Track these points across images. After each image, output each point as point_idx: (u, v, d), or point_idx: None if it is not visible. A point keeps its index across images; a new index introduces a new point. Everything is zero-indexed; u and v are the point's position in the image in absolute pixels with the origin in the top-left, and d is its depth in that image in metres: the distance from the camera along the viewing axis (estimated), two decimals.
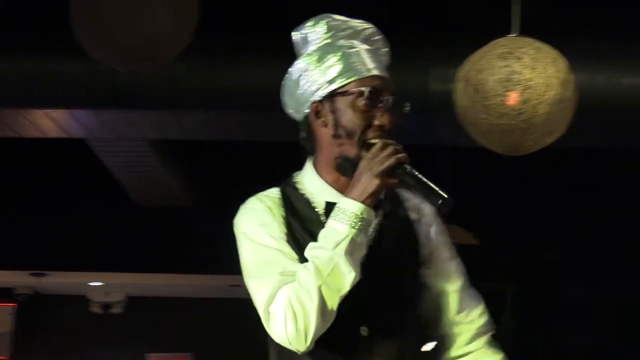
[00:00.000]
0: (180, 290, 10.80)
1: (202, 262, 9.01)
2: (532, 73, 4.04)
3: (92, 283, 10.78)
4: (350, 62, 2.45)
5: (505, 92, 4.05)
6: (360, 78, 2.44)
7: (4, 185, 8.67)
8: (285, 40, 6.20)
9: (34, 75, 5.72)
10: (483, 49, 4.18)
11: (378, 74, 2.46)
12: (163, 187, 8.34)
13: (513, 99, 4.06)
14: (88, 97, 5.88)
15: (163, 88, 5.73)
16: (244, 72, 5.75)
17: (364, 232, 2.33)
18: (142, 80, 5.63)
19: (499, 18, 4.41)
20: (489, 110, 4.07)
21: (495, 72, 4.06)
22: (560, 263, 8.77)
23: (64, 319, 11.40)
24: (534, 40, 4.15)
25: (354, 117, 2.42)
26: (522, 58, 4.07)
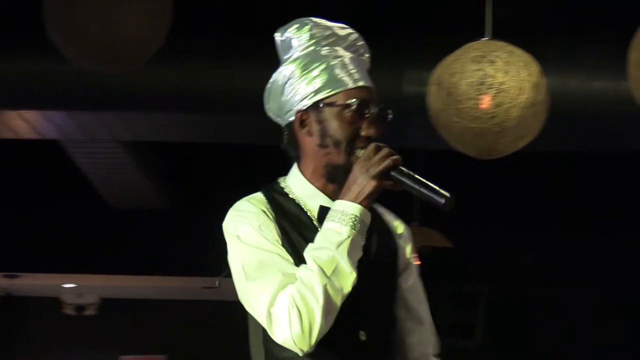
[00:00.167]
0: (154, 292, 10.77)
1: (175, 264, 9.00)
2: (504, 77, 4.06)
3: (65, 285, 10.73)
4: (336, 72, 2.45)
5: (478, 95, 4.07)
6: (347, 89, 2.44)
7: None
8: (256, 43, 6.21)
9: (7, 77, 5.68)
10: (456, 53, 4.19)
11: (364, 85, 2.46)
12: (136, 188, 8.31)
13: (486, 103, 4.07)
14: (61, 98, 5.86)
15: (136, 90, 5.72)
16: (216, 74, 5.75)
17: (362, 234, 2.34)
18: (115, 82, 5.61)
19: (473, 22, 4.43)
20: (462, 114, 4.09)
21: (468, 75, 4.08)
22: (534, 265, 8.80)
23: (37, 321, 11.34)
24: (507, 44, 4.17)
25: (341, 128, 2.42)
26: (495, 62, 4.09)
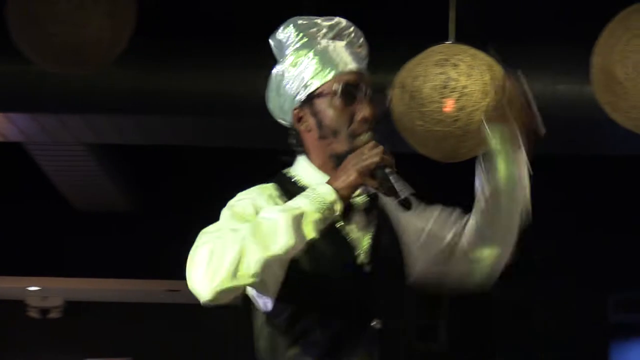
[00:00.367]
0: (119, 295, 10.73)
1: (140, 267, 8.97)
2: (467, 80, 4.06)
3: (29, 288, 10.68)
4: (322, 62, 2.44)
5: (442, 99, 4.07)
6: (335, 76, 2.43)
7: None
8: (219, 45, 6.19)
9: None
10: (419, 56, 4.20)
11: (351, 69, 2.45)
12: (101, 191, 8.28)
13: (449, 106, 4.08)
14: (25, 101, 5.83)
15: (100, 92, 5.70)
16: (180, 76, 5.74)
17: (323, 214, 2.26)
18: (79, 84, 5.59)
19: (436, 25, 4.44)
20: (425, 117, 4.09)
21: (432, 79, 4.08)
22: None
23: (1, 324, 11.28)
24: (470, 48, 4.17)
25: (335, 115, 2.42)
26: (458, 65, 4.09)
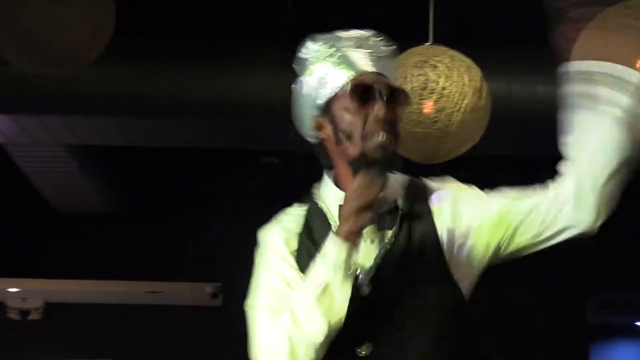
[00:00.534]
0: (99, 297, 10.69)
1: (120, 268, 8.95)
2: (446, 82, 4.08)
3: (9, 289, 10.64)
4: (339, 67, 2.38)
5: (421, 100, 4.08)
6: (349, 79, 2.37)
7: None
8: (199, 46, 6.17)
9: None
10: (398, 58, 4.20)
11: (365, 70, 2.38)
12: (81, 193, 8.25)
13: (428, 108, 4.09)
14: (4, 101, 5.82)
15: (80, 93, 5.69)
16: (160, 77, 5.73)
17: (344, 274, 2.21)
18: (59, 85, 5.58)
19: (415, 27, 4.44)
20: (404, 119, 4.09)
21: (411, 80, 4.09)
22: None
23: None
24: (449, 49, 4.19)
25: (349, 117, 2.34)
26: (437, 67, 4.10)
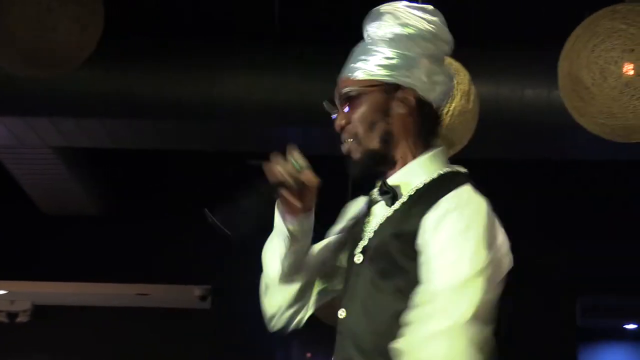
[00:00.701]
0: (88, 299, 10.68)
1: (109, 271, 8.94)
2: None
3: None
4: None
5: None
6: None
7: None
8: (187, 48, 6.14)
9: None
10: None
11: (340, 77, 2.57)
12: (70, 195, 8.25)
13: None
14: None
15: (67, 95, 5.68)
16: (148, 79, 5.72)
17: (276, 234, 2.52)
18: (46, 87, 5.57)
19: None
20: None
21: None
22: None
23: None
24: None
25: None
26: None
